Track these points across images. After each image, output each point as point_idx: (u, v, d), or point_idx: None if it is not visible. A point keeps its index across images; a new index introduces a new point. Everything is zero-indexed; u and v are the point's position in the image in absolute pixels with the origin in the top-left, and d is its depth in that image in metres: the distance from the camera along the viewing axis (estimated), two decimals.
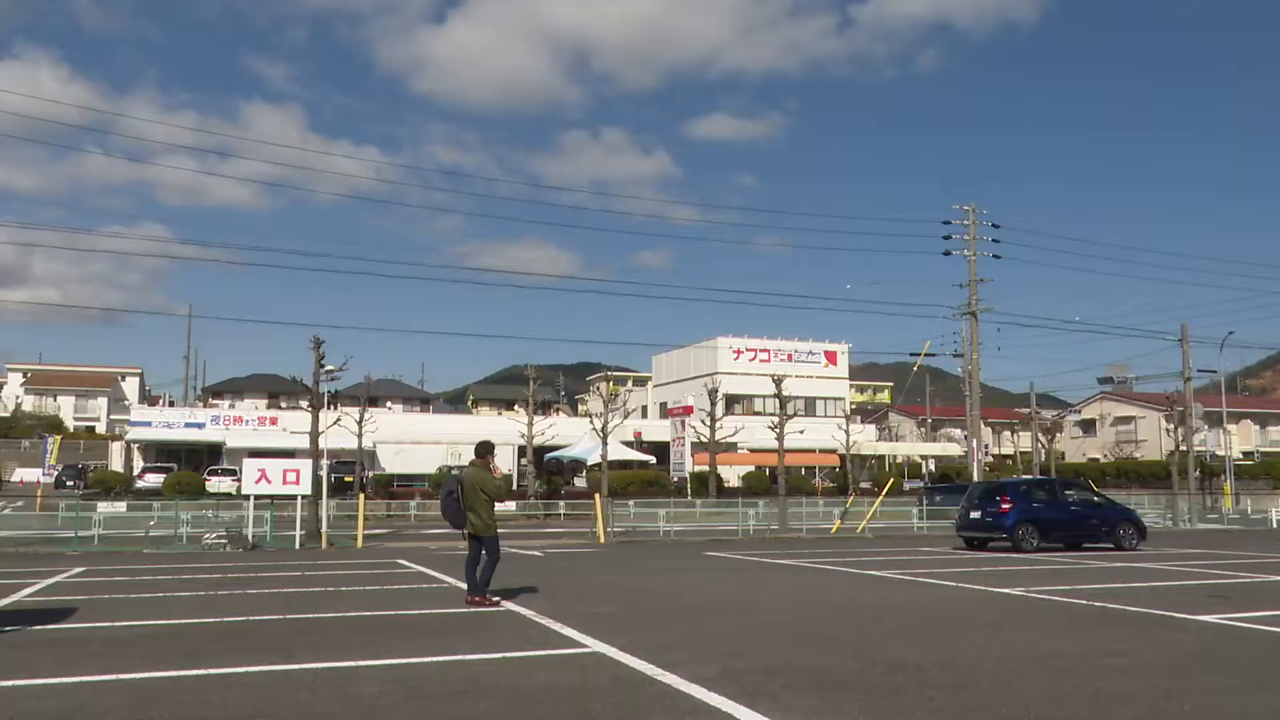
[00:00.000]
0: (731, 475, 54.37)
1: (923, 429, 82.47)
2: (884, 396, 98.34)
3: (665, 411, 62.06)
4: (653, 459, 54.16)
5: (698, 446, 49.00)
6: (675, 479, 48.95)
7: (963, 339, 41.16)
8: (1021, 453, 70.20)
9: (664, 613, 11.00)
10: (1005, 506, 21.44)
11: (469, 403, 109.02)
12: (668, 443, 51.90)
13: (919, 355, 46.20)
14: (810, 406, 61.68)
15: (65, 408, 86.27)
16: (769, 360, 63.41)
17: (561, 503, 38.41)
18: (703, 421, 48.48)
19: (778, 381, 35.86)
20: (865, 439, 62.00)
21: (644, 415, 69.69)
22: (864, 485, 51.54)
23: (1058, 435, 66.59)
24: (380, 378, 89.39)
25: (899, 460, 65.94)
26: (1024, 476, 40.16)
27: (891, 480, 41.52)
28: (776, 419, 33.43)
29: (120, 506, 29.21)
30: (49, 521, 26.00)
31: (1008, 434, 78.86)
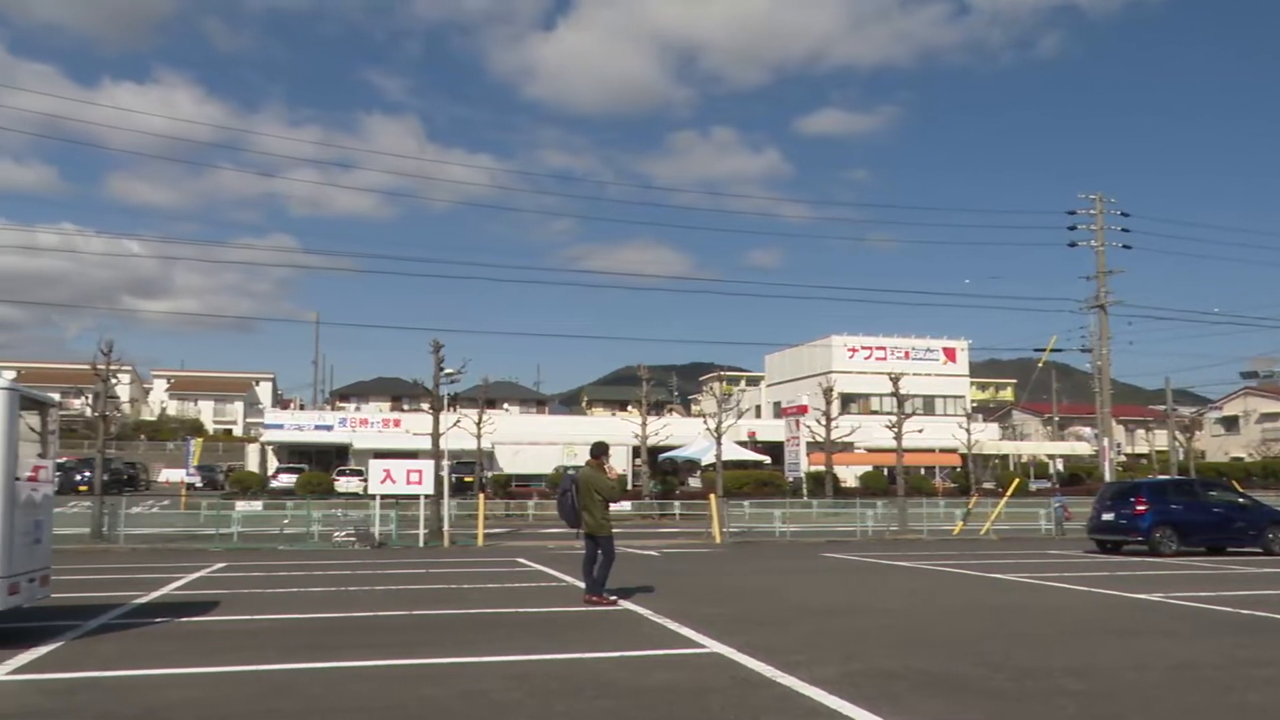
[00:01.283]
0: (848, 475, 53.46)
1: (1049, 427, 79.40)
2: (1007, 394, 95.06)
3: (779, 411, 61.48)
4: (767, 459, 53.70)
5: (813, 446, 48.35)
6: (790, 479, 48.41)
7: (1091, 333, 39.45)
8: (1157, 452, 66.81)
9: (782, 614, 10.88)
10: (1141, 508, 20.40)
11: (583, 404, 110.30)
12: (782, 442, 51.35)
13: (1044, 351, 44.50)
14: (929, 405, 60.11)
15: (205, 411, 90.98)
16: (885, 358, 62.12)
17: (676, 503, 38.44)
18: (818, 421, 47.81)
19: (894, 379, 35.08)
20: (987, 438, 60.05)
21: (757, 415, 69.19)
22: (987, 486, 49.92)
23: (1196, 433, 63.12)
24: (497, 380, 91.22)
25: (1024, 460, 63.65)
26: (1160, 476, 38.20)
27: (1017, 480, 40.08)
28: (894, 418, 32.72)
29: (257, 505, 30.55)
30: (192, 519, 27.45)
31: (1141, 432, 75.27)
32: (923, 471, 53.66)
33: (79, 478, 41.55)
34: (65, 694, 6.59)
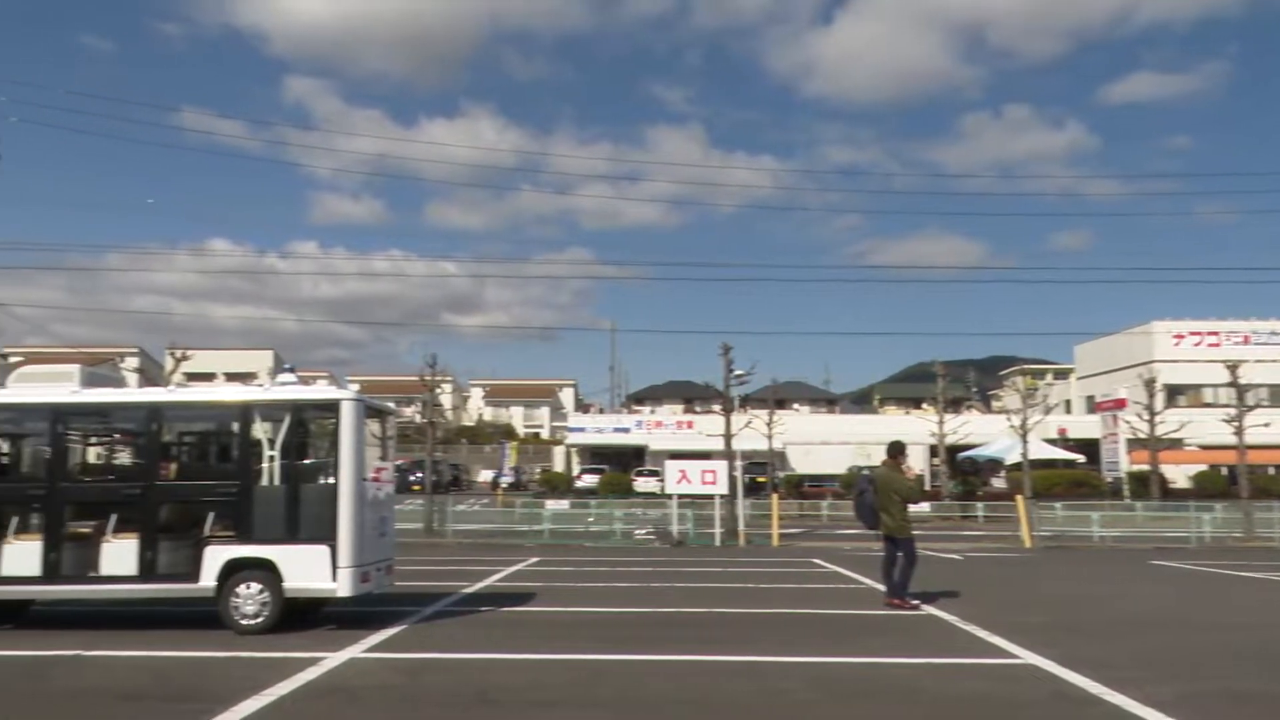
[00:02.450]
0: (1178, 475, 48.31)
1: None
2: None
3: (1093, 406, 56.72)
4: (1080, 458, 49.71)
5: (1133, 443, 44.10)
6: (1108, 479, 44.52)
7: None
8: None
9: (1105, 625, 10.02)
10: None
11: (874, 402, 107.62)
12: (1097, 440, 47.37)
13: None
14: (1276, 395, 53.06)
15: (516, 417, 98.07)
16: (1219, 344, 55.46)
17: (979, 505, 36.47)
18: (1139, 416, 43.60)
19: (1233, 368, 31.27)
20: None
21: (1067, 410, 64.21)
22: None
23: None
24: (786, 380, 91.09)
25: None
26: None
27: None
28: (1233, 411, 29.16)
29: (564, 504, 32.43)
30: (508, 516, 29.62)
31: None
32: (1271, 471, 47.43)
33: (412, 478, 46.10)
34: (411, 672, 7.34)
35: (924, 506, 33.40)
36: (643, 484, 49.01)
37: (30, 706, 6.29)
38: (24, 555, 9.14)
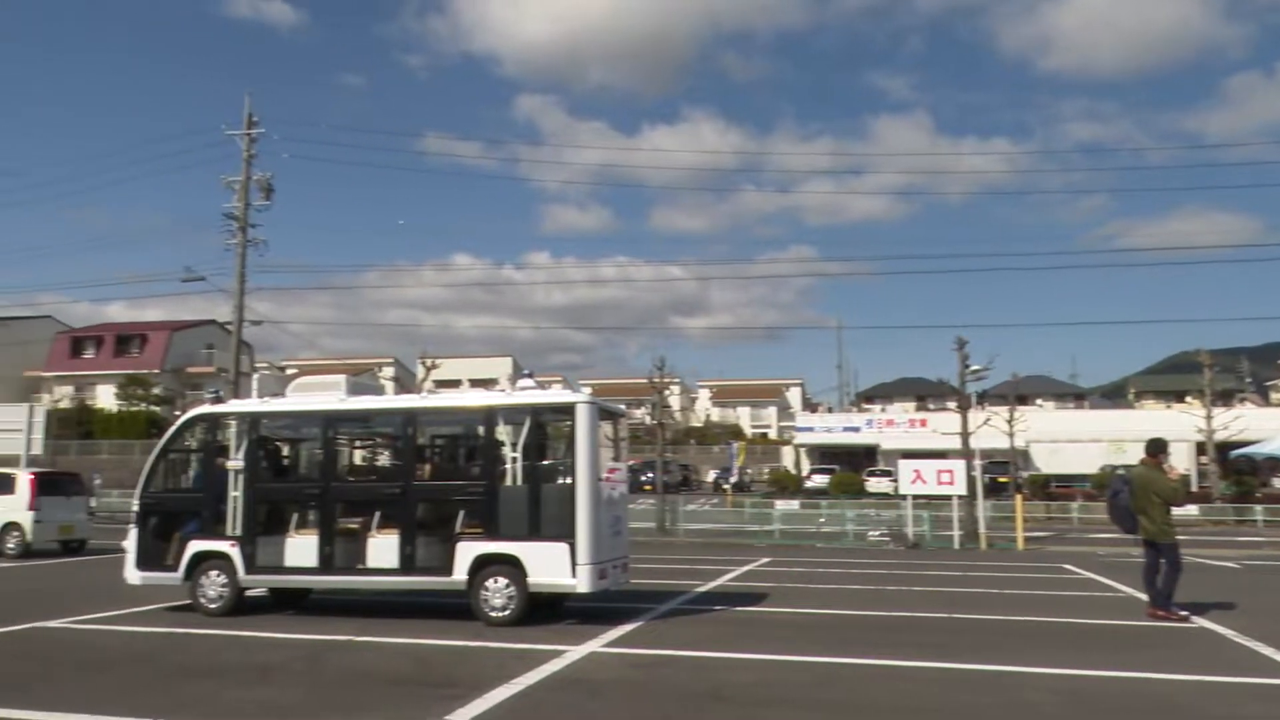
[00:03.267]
0: None
1: None
2: None
3: None
4: None
5: None
6: None
7: None
8: None
9: None
10: None
11: (1129, 396, 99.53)
12: None
13: None
14: None
15: (743, 417, 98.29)
16: None
17: (1257, 507, 32.98)
18: None
19: None
20: None
21: None
22: None
23: None
24: (1028, 374, 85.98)
25: None
26: None
27: None
28: None
29: (794, 504, 32.24)
30: (737, 516, 29.75)
31: None
32: None
33: (643, 478, 47.24)
34: (648, 668, 7.53)
35: (1190, 509, 30.66)
36: (875, 484, 47.96)
37: (311, 686, 6.97)
38: (304, 548, 10.13)
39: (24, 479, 18.69)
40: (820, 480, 51.41)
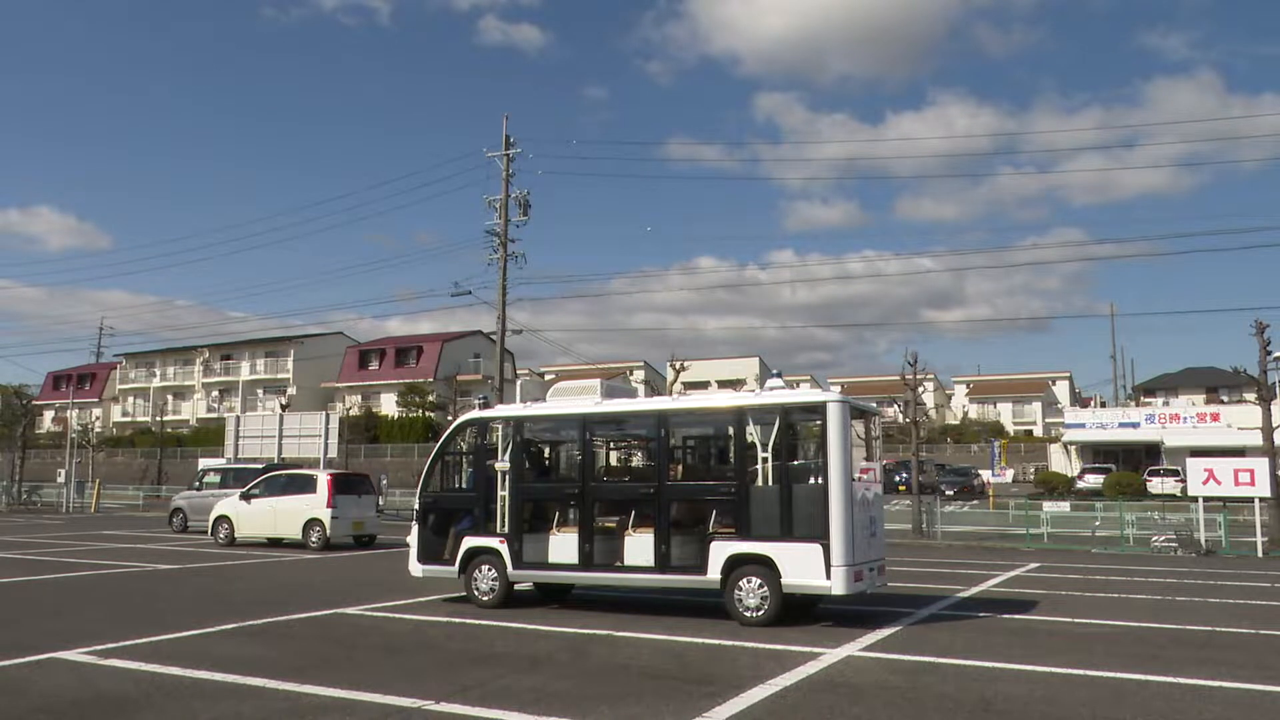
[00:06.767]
0: None
1: None
2: None
3: None
4: None
5: None
6: None
7: None
8: None
9: None
10: None
11: None
12: None
13: None
14: None
15: (1004, 414, 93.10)
16: None
17: None
18: None
19: None
20: None
21: None
22: None
23: None
24: None
25: None
26: None
27: None
28: None
29: (1064, 506, 30.14)
30: (1001, 519, 28.15)
31: None
32: None
33: (897, 478, 45.81)
34: (910, 674, 7.25)
35: None
36: (1158, 485, 43.96)
37: (577, 677, 7.25)
38: (566, 545, 10.58)
39: (323, 480, 20.79)
40: (1093, 481, 47.76)
